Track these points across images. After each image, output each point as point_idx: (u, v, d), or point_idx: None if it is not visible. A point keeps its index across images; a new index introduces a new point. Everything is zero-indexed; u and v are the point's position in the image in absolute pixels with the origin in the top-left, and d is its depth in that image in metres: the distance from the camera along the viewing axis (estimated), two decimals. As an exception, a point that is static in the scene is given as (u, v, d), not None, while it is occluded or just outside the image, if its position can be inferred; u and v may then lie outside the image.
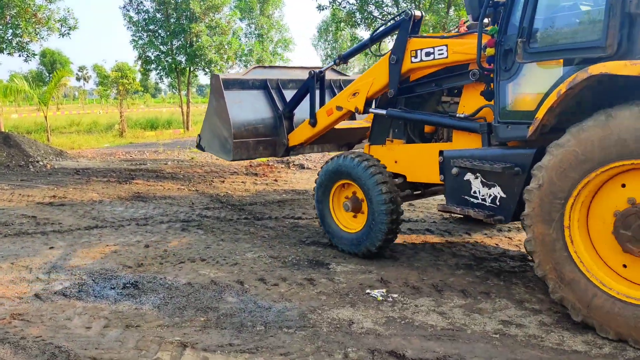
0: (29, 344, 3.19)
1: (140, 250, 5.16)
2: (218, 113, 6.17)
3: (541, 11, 3.67)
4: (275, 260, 4.88)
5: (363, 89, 5.18)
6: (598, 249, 3.35)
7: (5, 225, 6.08)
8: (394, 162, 5.04)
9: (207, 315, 3.63)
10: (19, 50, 16.86)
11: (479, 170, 4.08)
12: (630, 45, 3.23)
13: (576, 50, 3.49)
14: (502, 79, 3.94)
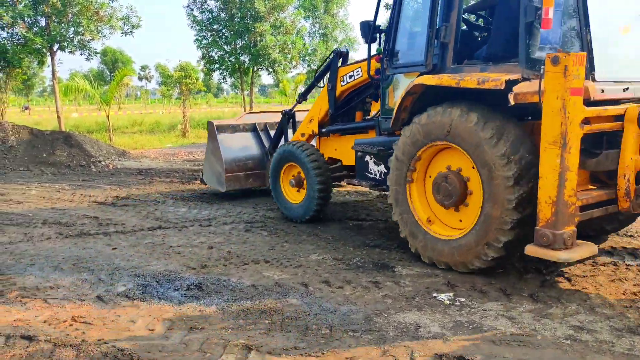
0: (90, 347, 3.33)
1: (203, 252, 5.41)
2: (213, 152, 7.88)
3: (398, 37, 5.40)
4: (340, 262, 4.98)
5: (315, 115, 6.97)
6: (428, 198, 4.98)
7: (67, 226, 6.50)
8: (334, 150, 6.82)
9: (272, 318, 3.77)
10: (81, 48, 18.01)
11: (371, 153, 5.78)
12: (442, 64, 4.85)
13: (413, 66, 5.19)
14: (383, 85, 5.62)
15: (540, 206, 3.92)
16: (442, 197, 4.73)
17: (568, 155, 3.80)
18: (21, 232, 6.19)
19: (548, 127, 3.84)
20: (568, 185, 3.82)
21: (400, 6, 5.33)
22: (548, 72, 3.79)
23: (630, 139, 4.14)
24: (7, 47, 17.65)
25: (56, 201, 7.87)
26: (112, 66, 52.56)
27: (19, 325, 3.67)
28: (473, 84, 4.33)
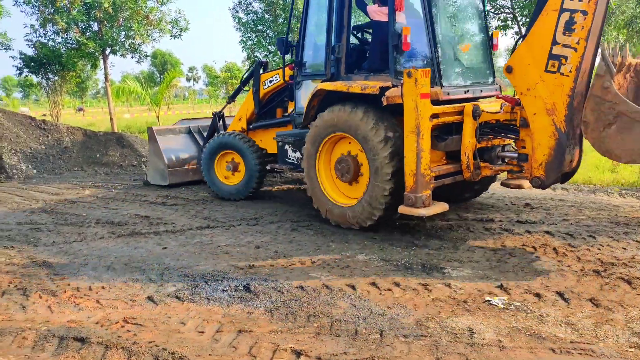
0: (142, 350, 3.31)
1: (251, 251, 5.36)
2: (155, 153, 9.04)
3: (305, 52, 6.82)
4: (387, 263, 4.82)
5: (243, 115, 8.29)
6: (333, 179, 6.26)
7: (119, 225, 6.58)
8: (260, 141, 8.00)
9: (320, 321, 3.66)
10: (132, 51, 18.44)
11: (289, 142, 7.12)
12: (336, 73, 6.23)
13: (317, 75, 6.57)
14: (295, 89, 6.96)
15: (406, 177, 5.33)
16: (342, 174, 6.13)
17: (422, 141, 5.20)
18: (75, 231, 6.31)
19: (407, 121, 5.27)
20: (423, 161, 5.23)
21: (305, 28, 6.80)
22: (405, 82, 5.23)
23: (468, 128, 5.48)
24: (62, 52, 18.25)
25: (109, 201, 8.02)
26: (161, 68, 53.76)
27: (72, 326, 3.70)
28: (358, 90, 5.83)
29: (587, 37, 4.78)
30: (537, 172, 5.16)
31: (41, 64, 18.80)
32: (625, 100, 4.57)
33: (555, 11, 4.88)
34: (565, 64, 4.87)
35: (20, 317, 3.90)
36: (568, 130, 4.97)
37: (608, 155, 4.93)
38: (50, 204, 7.87)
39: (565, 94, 4.92)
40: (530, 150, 5.25)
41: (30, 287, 4.45)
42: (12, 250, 5.56)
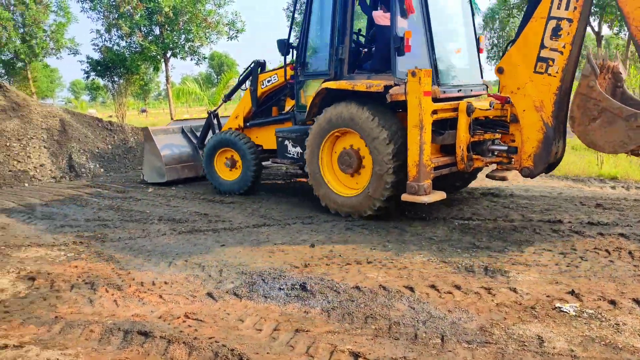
0: (202, 345, 3.34)
1: (306, 250, 5.33)
2: (152, 152, 9.36)
3: (307, 53, 7.22)
4: (447, 265, 4.67)
5: (240, 113, 8.62)
6: (335, 171, 6.70)
7: (180, 222, 6.71)
8: (256, 138, 8.41)
9: (378, 323, 3.58)
10: (191, 54, 18.95)
11: (290, 138, 7.49)
12: (340, 72, 6.64)
13: (320, 74, 6.92)
14: (296, 87, 7.33)
15: (409, 168, 5.80)
16: (344, 167, 6.57)
17: (424, 134, 5.67)
18: (139, 228, 6.50)
19: (411, 116, 5.73)
20: (425, 153, 5.70)
21: (307, 30, 7.21)
22: (409, 81, 5.69)
23: (462, 123, 5.93)
24: (126, 55, 18.97)
25: (170, 199, 8.23)
26: (218, 69, 54.96)
27: (137, 320, 3.78)
28: (363, 88, 6.29)
29: (572, 41, 5.36)
30: (526, 163, 5.73)
31: (107, 67, 19.62)
32: (608, 98, 5.09)
33: (543, 18, 5.45)
34: (553, 65, 5.45)
35: (88, 310, 4.03)
36: (554, 125, 5.56)
37: (592, 147, 5.38)
38: (117, 201, 8.16)
39: (552, 93, 5.50)
40: (519, 143, 5.79)
41: (98, 282, 4.60)
42: (81, 246, 5.78)
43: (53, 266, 5.09)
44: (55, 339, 3.55)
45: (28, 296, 4.36)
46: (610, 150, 5.35)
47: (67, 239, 6.04)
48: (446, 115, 6.05)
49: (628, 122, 4.96)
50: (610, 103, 5.07)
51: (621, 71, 5.75)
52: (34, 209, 7.72)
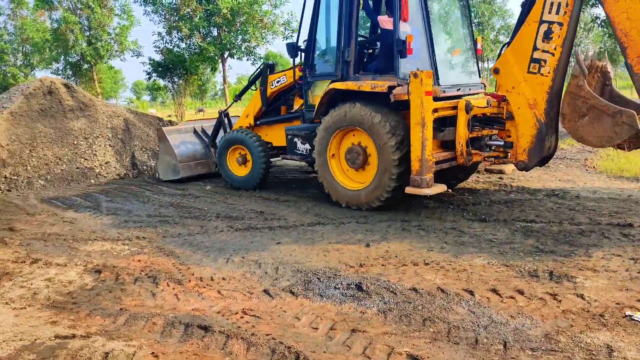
0: (260, 341, 3.37)
1: (361, 250, 5.30)
2: (166, 151, 9.87)
3: (315, 55, 7.68)
4: (508, 268, 4.51)
5: (251, 112, 9.19)
6: (342, 166, 7.18)
7: (237, 219, 6.82)
8: (265, 135, 8.92)
9: (437, 326, 3.50)
10: (247, 54, 19.28)
11: (299, 135, 7.94)
12: (346, 74, 7.07)
13: (327, 75, 7.37)
14: (305, 88, 7.76)
15: (412, 162, 6.25)
16: (351, 162, 7.01)
17: (426, 131, 6.10)
18: (198, 224, 6.65)
19: (414, 114, 6.15)
20: (427, 149, 6.13)
21: (316, 35, 7.64)
22: (411, 81, 6.11)
23: (462, 120, 6.37)
24: (185, 57, 19.52)
25: (227, 196, 8.39)
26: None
27: (196, 314, 3.87)
28: (369, 88, 6.71)
29: (562, 44, 5.77)
30: (521, 157, 6.19)
31: (167, 68, 20.27)
32: (596, 96, 5.43)
33: (535, 22, 5.87)
34: (545, 66, 5.88)
35: (151, 303, 4.16)
36: (547, 121, 5.99)
37: (582, 141, 5.70)
38: (176, 198, 8.40)
39: (544, 91, 5.93)
40: (515, 138, 6.25)
41: (159, 276, 4.74)
42: (143, 241, 5.99)
43: (118, 260, 5.30)
44: (120, 330, 3.69)
45: (94, 288, 4.55)
46: (597, 145, 5.63)
47: (131, 234, 6.27)
48: (446, 113, 6.50)
49: (614, 118, 5.28)
50: (597, 101, 5.40)
51: (609, 70, 6.09)
52: (100, 205, 8.07)
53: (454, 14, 7.66)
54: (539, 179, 8.33)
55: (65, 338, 3.58)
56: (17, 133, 10.89)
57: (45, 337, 3.60)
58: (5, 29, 38.37)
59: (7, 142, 10.57)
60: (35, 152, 10.75)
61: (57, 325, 3.81)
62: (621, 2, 5.30)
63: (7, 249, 5.87)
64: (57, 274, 4.96)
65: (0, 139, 10.53)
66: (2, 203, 8.46)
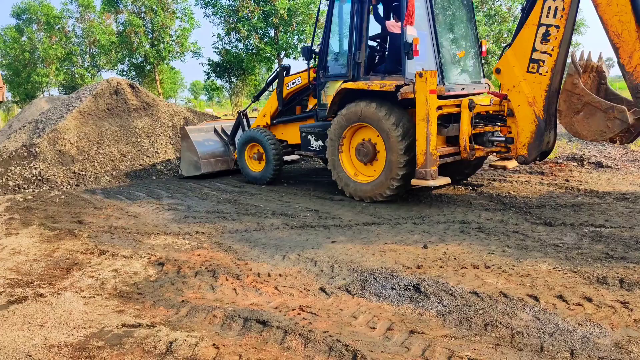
0: (317, 338, 3.39)
1: (418, 251, 5.23)
2: (189, 148, 10.43)
3: (328, 58, 8.22)
4: (576, 275, 4.33)
5: (268, 112, 9.69)
6: (352, 160, 7.74)
7: (292, 217, 6.89)
8: (281, 134, 9.53)
9: (499, 331, 3.41)
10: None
11: (312, 133, 8.52)
12: (357, 74, 7.66)
13: (339, 76, 7.94)
14: (319, 88, 8.36)
15: (418, 156, 6.71)
16: (361, 156, 7.54)
17: (430, 127, 6.55)
18: (254, 221, 6.77)
19: (419, 111, 6.60)
20: (431, 144, 6.58)
21: (328, 38, 8.18)
22: (417, 81, 6.55)
23: (465, 117, 6.78)
24: (243, 57, 19.90)
25: (282, 194, 8.49)
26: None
27: (255, 309, 3.94)
28: (377, 88, 7.18)
29: (559, 45, 6.19)
30: (521, 152, 6.64)
31: (225, 68, 20.74)
32: (589, 93, 5.92)
33: (534, 25, 6.32)
34: (543, 66, 6.32)
35: (211, 296, 4.28)
36: (545, 117, 6.42)
37: (577, 136, 6.17)
38: (233, 195, 8.59)
39: (543, 90, 6.37)
40: (515, 134, 6.70)
41: (218, 270, 4.86)
42: (203, 236, 6.15)
43: (179, 253, 5.47)
44: (182, 322, 3.81)
45: (158, 280, 4.72)
46: (592, 139, 6.07)
47: (191, 229, 6.46)
48: (450, 111, 6.95)
49: (606, 113, 5.77)
50: (591, 98, 5.89)
51: (604, 70, 6.46)
52: (161, 200, 8.36)
53: (460, 18, 8.15)
54: (608, 182, 7.96)
55: (131, 327, 3.73)
56: (85, 131, 11.45)
57: (112, 325, 3.77)
58: (74, 31, 40.46)
59: (76, 140, 11.13)
60: (102, 149, 11.27)
61: (124, 314, 3.98)
62: (613, 6, 5.72)
63: (77, 240, 6.19)
64: (123, 265, 5.18)
65: (70, 137, 11.10)
66: (71, 197, 8.91)
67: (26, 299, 4.37)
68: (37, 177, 10.10)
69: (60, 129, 11.11)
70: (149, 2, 24.59)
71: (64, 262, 5.38)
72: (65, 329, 3.77)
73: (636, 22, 5.66)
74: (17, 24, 42.59)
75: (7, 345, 3.55)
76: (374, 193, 7.33)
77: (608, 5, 5.76)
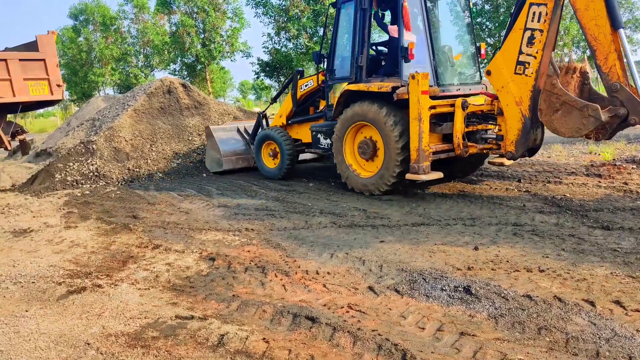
0: (366, 336, 3.41)
1: (469, 253, 5.17)
2: (212, 146, 11.18)
3: (335, 62, 8.93)
4: (634, 280, 4.18)
5: (284, 112, 10.34)
6: (355, 156, 8.40)
7: (339, 216, 6.93)
8: (296, 133, 10.16)
9: (553, 336, 3.34)
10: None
11: (321, 132, 9.27)
12: (359, 77, 8.32)
13: (344, 79, 8.63)
14: (327, 90, 9.11)
15: (411, 152, 7.35)
16: (363, 153, 8.18)
17: (422, 125, 7.17)
18: (302, 219, 6.86)
19: (412, 111, 7.22)
20: (424, 140, 7.21)
21: (335, 43, 8.86)
22: (410, 82, 7.16)
23: (458, 116, 7.38)
24: (292, 56, 20.11)
25: (330, 193, 8.55)
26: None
27: (303, 305, 4.01)
28: (375, 89, 7.83)
29: (543, 48, 6.59)
30: (509, 148, 7.11)
31: (274, 68, 21.03)
32: (567, 93, 6.41)
33: (521, 29, 6.75)
34: (528, 67, 6.72)
35: (260, 292, 4.37)
36: (531, 116, 6.84)
37: (556, 132, 6.60)
38: (281, 193, 8.72)
39: (528, 90, 6.79)
40: (504, 132, 7.18)
41: (267, 267, 4.96)
42: (252, 233, 6.29)
43: (229, 249, 5.62)
44: (233, 315, 3.92)
45: (209, 274, 4.87)
46: (569, 135, 6.50)
47: (240, 226, 6.61)
48: (445, 110, 7.54)
49: (581, 111, 6.23)
50: (568, 97, 6.35)
51: (588, 71, 6.86)
52: (212, 197, 8.58)
53: (457, 23, 8.84)
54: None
55: (184, 319, 3.87)
56: (139, 129, 11.88)
57: (167, 317, 3.92)
58: (129, 32, 41.95)
59: (131, 137, 11.56)
60: (155, 146, 11.66)
61: (177, 306, 4.13)
62: (590, 11, 6.15)
63: (132, 234, 6.44)
64: (176, 259, 5.37)
65: (125, 134, 11.54)
66: (126, 193, 9.28)
67: (85, 290, 4.60)
68: (93, 173, 10.56)
69: (115, 127, 11.57)
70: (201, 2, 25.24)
71: (120, 254, 5.63)
72: (122, 319, 3.94)
73: (611, 26, 6.08)
74: (75, 24, 44.58)
75: (67, 333, 3.75)
76: (373, 187, 7.98)
77: (586, 10, 6.19)
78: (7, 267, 5.36)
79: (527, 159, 10.78)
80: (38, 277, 4.99)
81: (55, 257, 5.64)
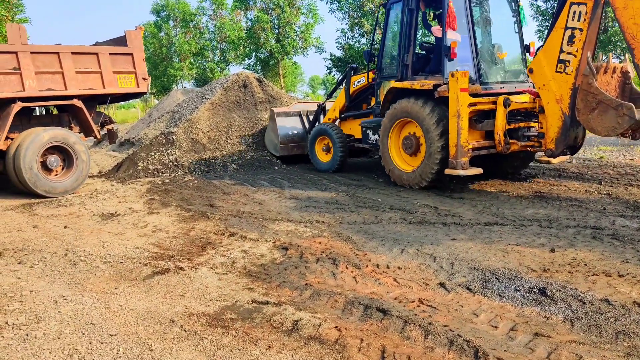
0: (437, 331, 3.45)
1: (545, 255, 5.06)
2: (272, 130, 11.73)
3: (383, 61, 9.48)
4: None
5: (337, 107, 10.90)
6: (400, 151, 8.80)
7: (410, 212, 6.94)
8: (349, 129, 10.71)
9: (632, 341, 3.25)
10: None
11: (370, 127, 9.72)
12: (405, 75, 8.76)
13: (391, 77, 9.09)
14: (376, 87, 9.57)
15: (450, 148, 7.62)
16: (407, 148, 8.50)
17: (461, 121, 7.44)
18: (372, 214, 6.93)
19: (451, 107, 7.52)
20: (462, 137, 7.48)
21: (384, 43, 9.40)
22: (450, 80, 7.52)
23: (500, 114, 7.67)
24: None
25: (400, 190, 8.56)
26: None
27: (374, 297, 4.10)
28: (418, 87, 8.23)
29: (583, 47, 6.74)
30: (550, 145, 7.28)
31: (347, 63, 21.13)
32: (603, 92, 6.41)
33: (561, 28, 6.92)
34: (569, 66, 6.88)
35: (332, 282, 4.51)
36: (571, 114, 6.91)
37: (593, 132, 6.68)
38: (351, 188, 8.83)
39: (568, 88, 6.92)
40: (545, 129, 7.34)
41: (338, 259, 5.09)
42: (323, 225, 6.44)
43: (301, 240, 5.80)
44: (306, 303, 4.07)
45: (282, 263, 5.06)
46: (605, 134, 6.55)
47: (312, 218, 6.78)
48: (486, 107, 7.74)
49: (617, 110, 6.27)
50: (604, 96, 6.38)
51: (629, 70, 6.86)
52: (283, 189, 8.83)
53: (504, 21, 8.85)
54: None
55: (260, 303, 4.07)
56: (216, 122, 12.37)
57: (244, 301, 4.14)
58: (207, 28, 43.47)
59: (208, 129, 12.07)
60: (230, 139, 12.11)
61: (253, 291, 4.35)
62: (629, 10, 6.17)
63: (210, 222, 6.78)
64: (250, 247, 5.61)
65: (202, 126, 12.06)
66: (203, 182, 9.73)
67: (168, 271, 4.92)
68: (173, 162, 11.13)
69: (194, 119, 12.12)
70: (276, -2, 25.92)
71: (199, 240, 5.95)
72: (203, 300, 4.20)
73: None
74: (156, 20, 46.73)
75: (153, 311, 4.05)
76: (413, 181, 8.34)
77: (624, 8, 6.24)
78: (97, 247, 5.82)
79: (607, 159, 10.28)
80: (125, 258, 5.38)
81: (140, 240, 6.04)
